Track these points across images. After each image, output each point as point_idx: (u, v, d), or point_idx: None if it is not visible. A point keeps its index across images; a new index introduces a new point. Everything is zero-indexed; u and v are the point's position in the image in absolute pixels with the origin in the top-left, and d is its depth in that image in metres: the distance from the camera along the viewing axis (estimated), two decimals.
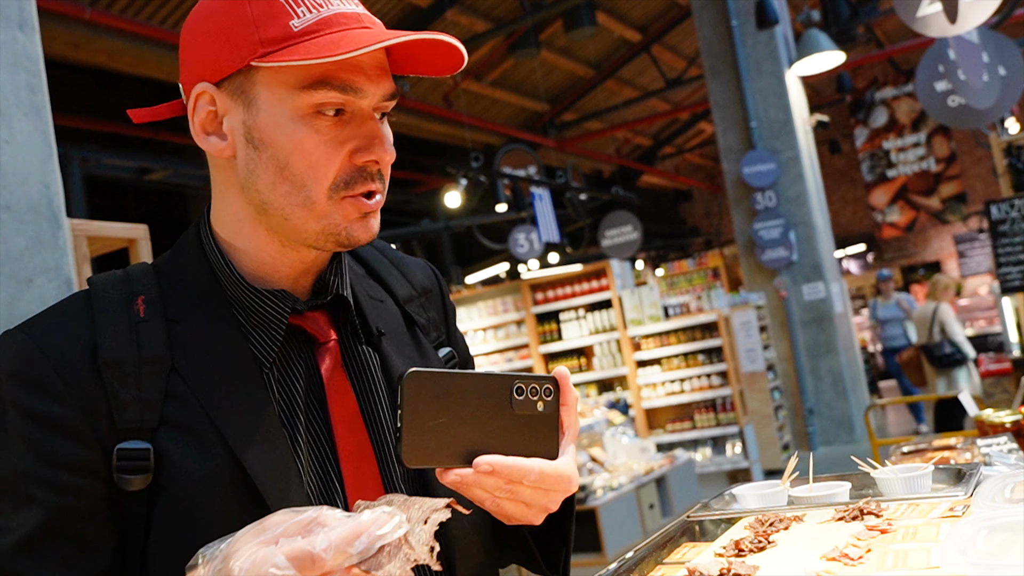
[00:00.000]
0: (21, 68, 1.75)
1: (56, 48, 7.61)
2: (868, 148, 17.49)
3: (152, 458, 0.78)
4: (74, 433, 0.78)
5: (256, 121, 0.83)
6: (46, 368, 0.78)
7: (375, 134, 0.84)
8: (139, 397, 0.79)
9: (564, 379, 0.80)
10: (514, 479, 0.76)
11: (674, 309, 8.90)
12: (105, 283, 0.86)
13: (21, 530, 0.76)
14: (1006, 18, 5.23)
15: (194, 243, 0.90)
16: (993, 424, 1.81)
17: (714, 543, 1.07)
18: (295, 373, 0.87)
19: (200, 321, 0.84)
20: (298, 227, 0.84)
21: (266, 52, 0.80)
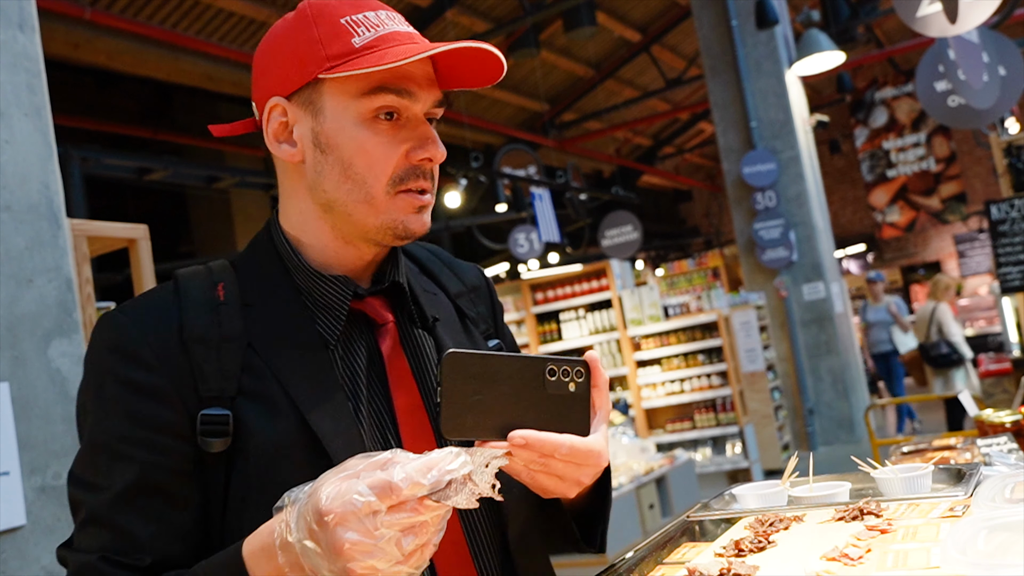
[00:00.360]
0: (21, 68, 1.75)
1: (56, 48, 7.61)
2: (868, 148, 17.49)
3: (231, 423, 0.88)
4: (164, 399, 0.88)
5: (323, 127, 0.94)
6: (140, 343, 0.89)
7: (428, 135, 0.95)
8: (219, 369, 0.89)
9: (594, 362, 0.86)
10: (546, 452, 0.82)
11: (674, 309, 8.90)
12: (189, 273, 0.97)
13: (117, 486, 0.86)
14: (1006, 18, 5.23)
15: (265, 239, 1.01)
16: (993, 424, 1.81)
17: (714, 543, 1.07)
18: (357, 351, 0.97)
19: (272, 305, 0.95)
20: (360, 222, 0.95)
21: (332, 66, 0.91)
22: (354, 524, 0.69)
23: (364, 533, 0.69)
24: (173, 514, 0.87)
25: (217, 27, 8.87)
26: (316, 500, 0.70)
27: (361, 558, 0.69)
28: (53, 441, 1.68)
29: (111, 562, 0.85)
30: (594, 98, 13.89)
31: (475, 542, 0.97)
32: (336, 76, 0.91)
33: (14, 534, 1.60)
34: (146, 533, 0.86)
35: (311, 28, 0.93)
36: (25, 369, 1.65)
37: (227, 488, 0.89)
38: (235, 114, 12.89)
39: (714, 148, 12.00)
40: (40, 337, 1.69)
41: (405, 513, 0.70)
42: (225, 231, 11.68)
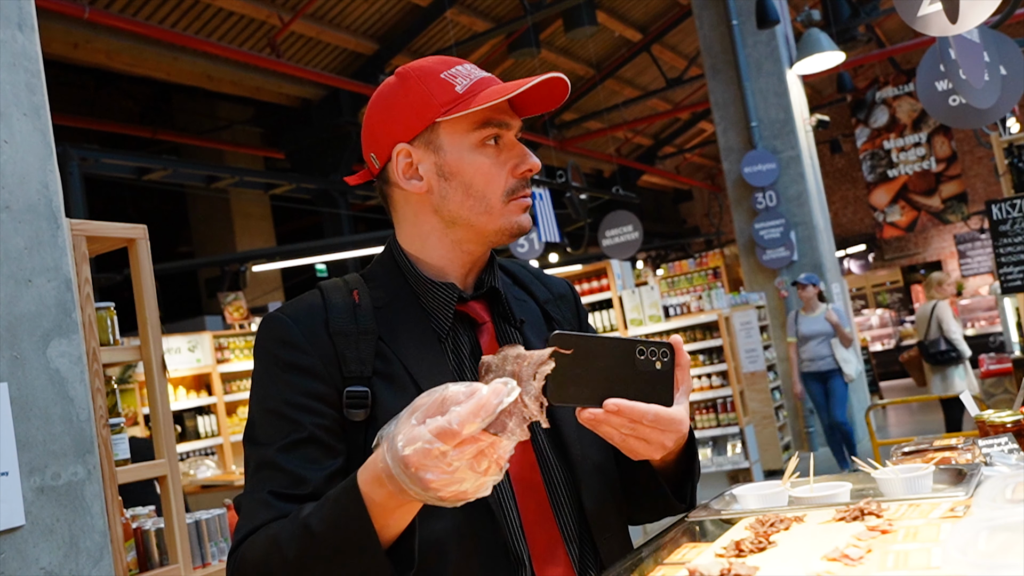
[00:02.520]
0: (20, 68, 1.75)
1: (55, 48, 7.61)
2: (869, 148, 17.49)
3: (369, 398, 1.10)
4: (318, 376, 1.11)
5: (445, 160, 1.17)
6: (298, 335, 1.13)
7: (525, 152, 1.19)
8: (358, 356, 1.12)
9: (678, 345, 1.03)
10: (635, 419, 0.99)
11: (674, 309, 8.90)
12: (331, 284, 1.22)
13: (284, 439, 1.08)
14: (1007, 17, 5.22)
15: (389, 257, 1.25)
16: (994, 424, 1.80)
17: (714, 543, 1.06)
18: (462, 343, 1.19)
19: (396, 307, 1.18)
20: (482, 229, 1.18)
21: (446, 110, 1.14)
22: (431, 465, 0.85)
23: (441, 471, 0.85)
24: (327, 461, 1.08)
25: (216, 26, 8.87)
26: (395, 448, 0.86)
27: (446, 487, 0.86)
28: (52, 441, 1.68)
29: (278, 495, 1.05)
30: (594, 98, 13.89)
31: (557, 504, 1.15)
32: (451, 118, 1.14)
33: (13, 534, 1.59)
34: (308, 471, 1.06)
35: (419, 85, 1.16)
36: (24, 369, 1.65)
37: (366, 447, 1.08)
38: (234, 114, 12.77)
39: (714, 148, 12.00)
40: (39, 337, 1.69)
41: (470, 447, 0.85)
42: (224, 231, 11.69)
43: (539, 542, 1.12)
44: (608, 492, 1.21)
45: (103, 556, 1.73)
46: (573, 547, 1.14)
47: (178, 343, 8.68)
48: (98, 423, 2.04)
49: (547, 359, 0.93)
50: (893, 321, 17.36)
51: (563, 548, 1.13)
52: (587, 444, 1.18)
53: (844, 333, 7.45)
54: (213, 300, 10.51)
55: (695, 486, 1.21)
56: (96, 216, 2.63)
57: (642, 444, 1.02)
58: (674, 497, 1.20)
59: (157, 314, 2.39)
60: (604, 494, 1.20)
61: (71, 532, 1.68)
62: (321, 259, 10.58)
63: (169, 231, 12.50)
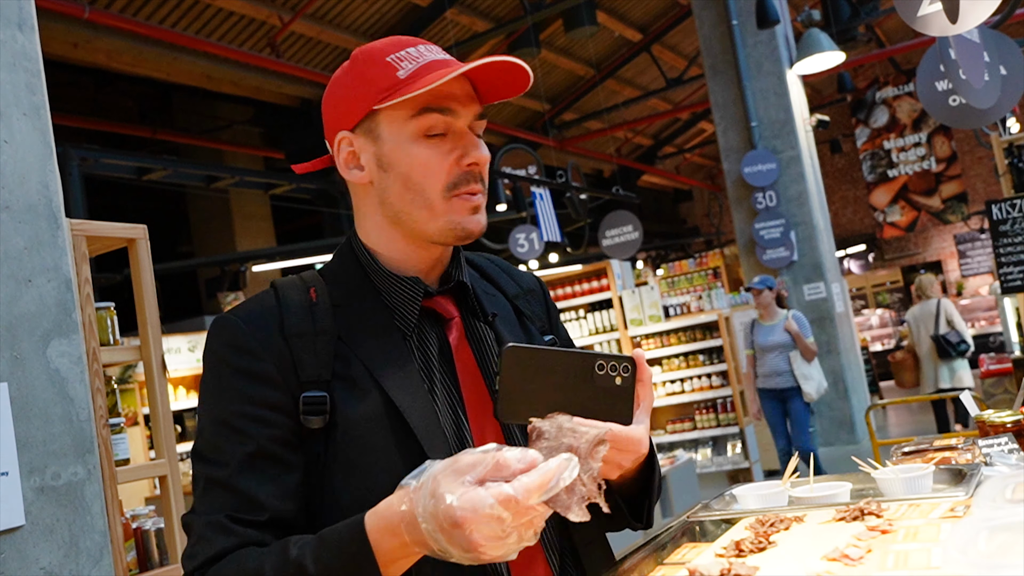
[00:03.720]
0: (20, 68, 1.75)
1: (55, 48, 7.61)
2: (869, 148, 17.49)
3: (328, 403, 1.03)
4: (272, 383, 1.03)
5: (383, 150, 1.09)
6: (249, 338, 1.05)
7: (472, 143, 1.09)
8: (315, 358, 1.05)
9: (640, 359, 0.97)
10: None
11: (674, 309, 8.90)
12: (286, 281, 1.14)
13: (238, 455, 1.01)
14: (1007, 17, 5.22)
15: (348, 250, 1.17)
16: (994, 424, 1.80)
17: (714, 543, 1.06)
18: (430, 341, 1.12)
19: (356, 304, 1.11)
20: (423, 227, 1.09)
21: (382, 97, 1.07)
22: (485, 529, 0.80)
23: (492, 535, 0.81)
24: (284, 477, 1.02)
25: (216, 27, 8.87)
26: (448, 507, 0.80)
27: (491, 551, 0.81)
28: (52, 441, 1.68)
29: (235, 519, 0.98)
30: (594, 98, 13.88)
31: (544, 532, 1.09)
32: (386, 106, 1.07)
33: (13, 534, 1.59)
34: (263, 493, 1.00)
35: (363, 69, 1.10)
36: (24, 369, 1.65)
37: (326, 457, 1.03)
38: (235, 114, 12.80)
39: (714, 148, 12.00)
40: (39, 337, 1.69)
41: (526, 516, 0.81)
42: (224, 230, 11.68)
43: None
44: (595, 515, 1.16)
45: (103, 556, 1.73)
46: (554, 556, 1.09)
47: (178, 343, 8.68)
48: (98, 423, 2.04)
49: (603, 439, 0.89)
50: (893, 321, 17.34)
51: (543, 557, 1.08)
52: None
53: (805, 345, 6.43)
54: (213, 300, 10.50)
55: (653, 505, 1.15)
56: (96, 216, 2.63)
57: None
58: (630, 516, 1.14)
59: (157, 314, 2.39)
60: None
61: (71, 532, 1.68)
62: (321, 259, 10.57)
63: (169, 231, 12.50)
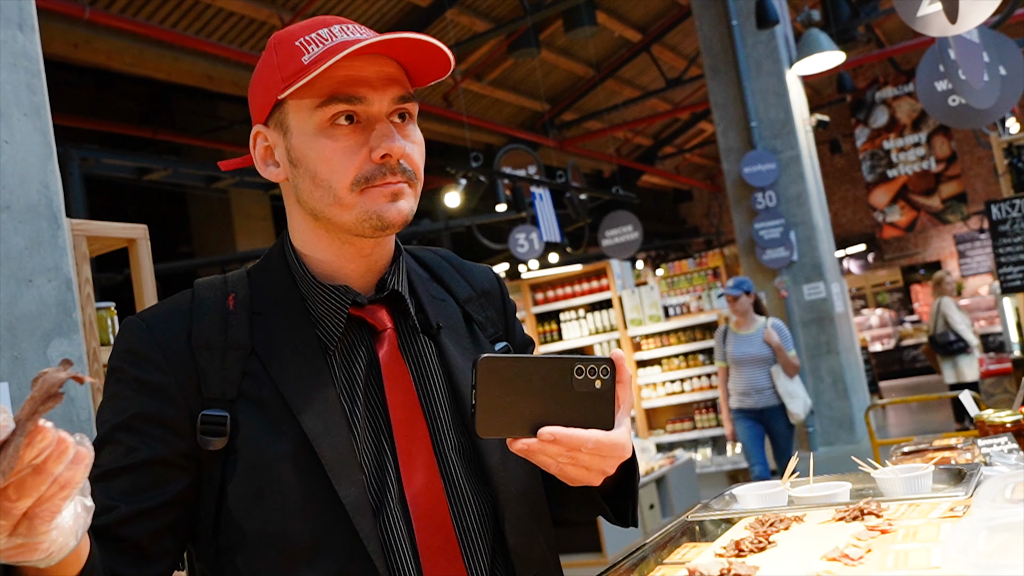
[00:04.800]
0: (21, 68, 1.75)
1: (56, 48, 7.60)
2: (868, 148, 17.49)
3: (229, 424, 0.95)
4: (167, 397, 0.95)
5: (292, 143, 1.00)
6: (152, 345, 0.97)
7: (385, 133, 0.97)
8: (222, 374, 0.96)
9: (619, 360, 0.91)
10: (573, 447, 0.87)
11: (674, 309, 8.90)
12: (206, 283, 1.05)
13: (107, 466, 0.93)
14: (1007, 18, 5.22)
15: (278, 252, 1.08)
16: (994, 424, 1.80)
17: (714, 543, 1.07)
18: (357, 357, 1.02)
19: (278, 314, 1.02)
20: (337, 221, 1.00)
21: (286, 86, 0.97)
22: None
23: None
24: (146, 493, 0.93)
25: (217, 27, 8.87)
26: None
27: None
28: None
29: None
30: (594, 98, 13.88)
31: (466, 541, 1.00)
32: (287, 95, 0.97)
33: None
34: (112, 503, 0.91)
35: (273, 56, 1.01)
36: (25, 369, 1.65)
37: (222, 481, 0.95)
38: (235, 114, 12.81)
39: (714, 148, 12.00)
40: (40, 337, 1.69)
41: None
42: (224, 231, 11.68)
43: None
44: (535, 523, 1.06)
45: None
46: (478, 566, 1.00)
47: None
48: None
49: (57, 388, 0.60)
50: (893, 321, 17.35)
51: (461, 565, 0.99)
52: (511, 466, 1.02)
53: (787, 358, 5.54)
54: None
55: (636, 504, 1.10)
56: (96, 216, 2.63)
57: (581, 471, 0.91)
58: (615, 518, 1.09)
59: None
60: (530, 525, 1.05)
61: None
62: None
63: (169, 231, 12.49)
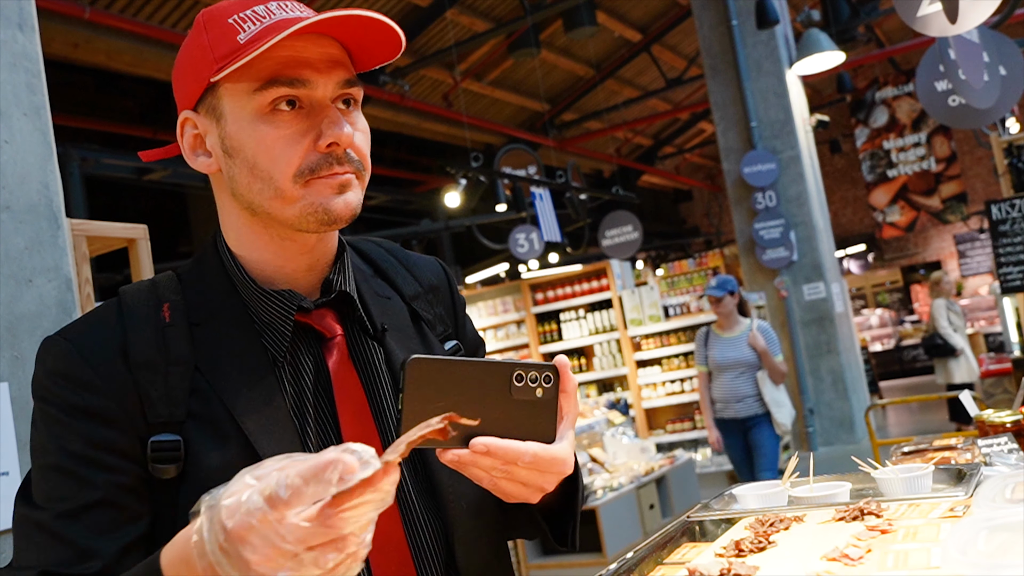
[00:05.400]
0: (20, 68, 1.75)
1: (56, 48, 7.60)
2: (868, 148, 17.49)
3: (182, 449, 0.86)
4: (112, 422, 0.86)
5: (226, 131, 0.91)
6: (84, 367, 0.86)
7: (332, 120, 0.89)
8: (167, 395, 0.87)
9: (564, 367, 0.84)
10: (509, 460, 0.80)
11: (674, 309, 8.90)
12: (134, 292, 0.94)
13: (65, 503, 0.83)
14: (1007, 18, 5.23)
15: (212, 253, 0.98)
16: (993, 424, 1.80)
17: (714, 543, 1.07)
18: (304, 368, 0.94)
19: (219, 324, 0.93)
20: (279, 216, 0.91)
21: (219, 67, 0.88)
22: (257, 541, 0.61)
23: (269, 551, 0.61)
24: (125, 527, 0.85)
25: None
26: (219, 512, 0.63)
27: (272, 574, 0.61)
28: None
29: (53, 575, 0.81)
30: (594, 98, 13.88)
31: (422, 563, 0.94)
32: (220, 77, 0.88)
33: None
34: (95, 544, 0.82)
35: (203, 35, 0.91)
36: (24, 369, 1.65)
37: (176, 511, 0.87)
38: None
39: (714, 148, 12.00)
40: (40, 337, 1.69)
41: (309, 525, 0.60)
42: None
43: None
44: (486, 540, 1.01)
45: None
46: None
47: None
48: None
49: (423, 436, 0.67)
50: (893, 321, 17.36)
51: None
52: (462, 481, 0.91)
53: (774, 364, 5.05)
54: None
55: (576, 526, 1.01)
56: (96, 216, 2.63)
57: (517, 487, 0.83)
58: (553, 538, 1.01)
59: None
60: (481, 544, 0.99)
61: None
62: None
63: (169, 231, 12.49)
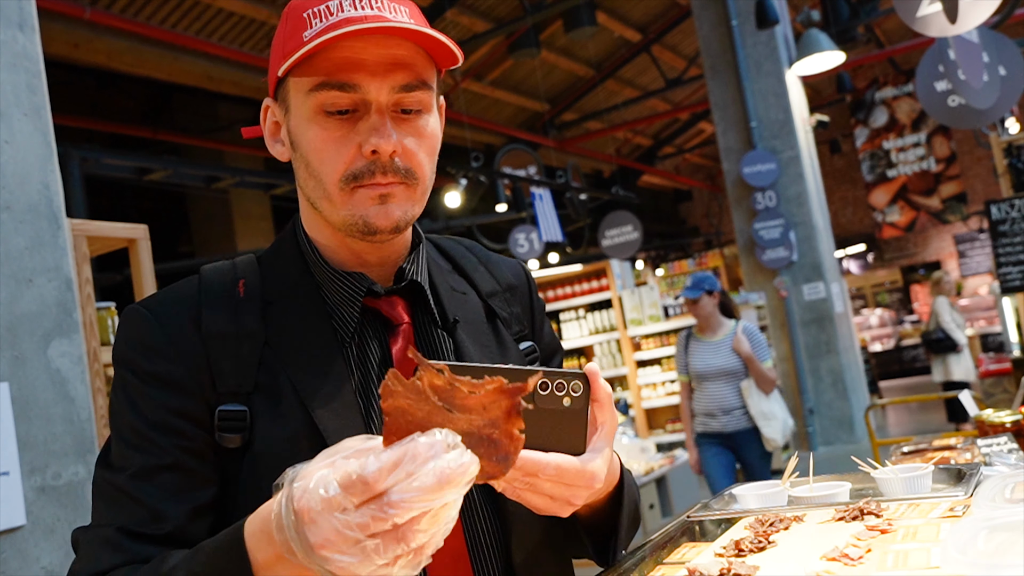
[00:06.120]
0: (21, 68, 1.75)
1: (56, 48, 7.60)
2: (868, 148, 17.49)
3: (248, 419, 0.89)
4: (185, 390, 0.89)
5: (291, 125, 0.94)
6: (161, 337, 0.90)
7: (376, 126, 0.88)
8: (237, 365, 0.90)
9: (594, 376, 0.80)
10: (530, 472, 0.76)
11: (674, 309, 8.89)
12: (214, 268, 0.98)
13: (138, 464, 0.86)
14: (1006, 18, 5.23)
15: (290, 236, 1.01)
16: (993, 424, 1.81)
17: (714, 543, 1.07)
18: (371, 352, 0.95)
19: (291, 302, 0.95)
20: (329, 218, 0.94)
21: (285, 63, 0.88)
22: (325, 523, 0.60)
23: (339, 535, 0.60)
24: (194, 491, 0.87)
25: (217, 27, 8.86)
26: (293, 491, 0.63)
27: (341, 558, 0.60)
28: (53, 441, 1.68)
29: (129, 533, 0.83)
30: (594, 98, 13.88)
31: (478, 557, 0.93)
32: (283, 73, 0.89)
33: (14, 534, 1.60)
34: (165, 506, 0.85)
35: (283, 26, 0.93)
36: (25, 369, 1.65)
37: (238, 481, 0.89)
38: (235, 114, 12.77)
39: (714, 148, 12.00)
40: (40, 337, 1.69)
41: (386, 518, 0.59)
42: (225, 231, 11.68)
43: None
44: (544, 542, 0.99)
45: None
46: None
47: None
48: (99, 423, 2.04)
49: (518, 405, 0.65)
50: (892, 321, 17.36)
51: None
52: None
53: (760, 371, 4.48)
54: None
55: (619, 544, 0.98)
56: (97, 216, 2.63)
57: (543, 500, 0.80)
58: (594, 553, 0.99)
59: None
60: (539, 545, 0.98)
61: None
62: None
63: (169, 231, 12.48)
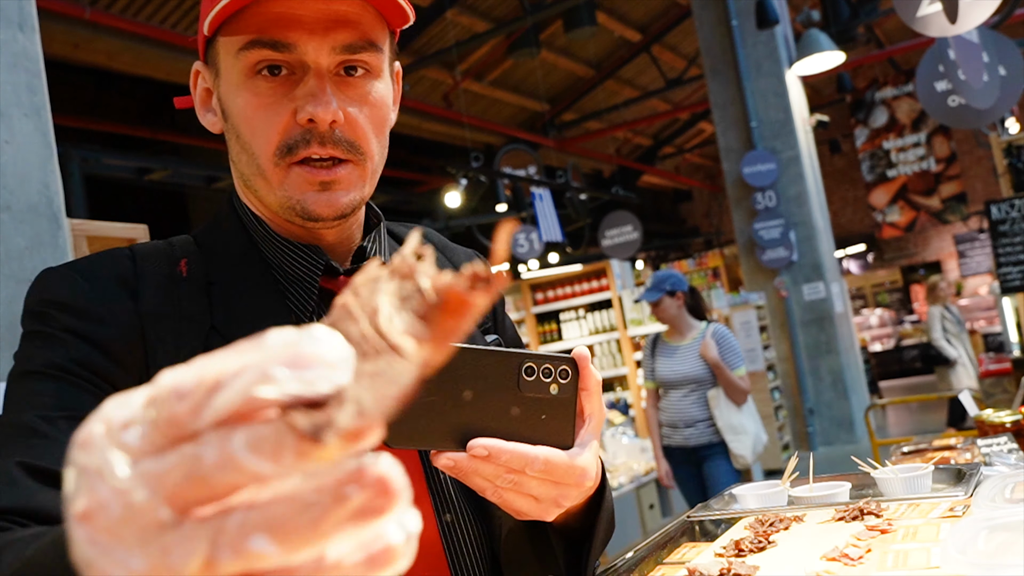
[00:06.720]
0: (21, 68, 1.75)
1: (56, 48, 7.61)
2: (868, 148, 17.49)
3: None
4: (113, 358, 0.74)
5: (220, 91, 0.82)
6: (92, 297, 0.76)
7: (313, 91, 0.77)
8: (176, 351, 0.77)
9: (583, 360, 0.71)
10: (515, 467, 0.66)
11: None
12: (148, 246, 0.85)
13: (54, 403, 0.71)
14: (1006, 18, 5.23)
15: (228, 212, 0.89)
16: (993, 424, 1.81)
17: (714, 543, 1.07)
18: None
19: (238, 282, 0.83)
20: (265, 199, 0.83)
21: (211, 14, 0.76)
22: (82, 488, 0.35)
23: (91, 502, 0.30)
24: None
25: None
26: None
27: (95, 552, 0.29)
28: None
29: (32, 469, 0.67)
30: (594, 98, 13.88)
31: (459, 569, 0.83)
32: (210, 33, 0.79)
33: None
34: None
35: None
36: None
37: None
38: None
39: (714, 148, 12.00)
40: None
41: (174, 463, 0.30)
42: None
43: None
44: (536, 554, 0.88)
45: None
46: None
47: None
48: None
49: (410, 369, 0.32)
50: (892, 321, 17.36)
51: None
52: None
53: (731, 380, 4.06)
54: None
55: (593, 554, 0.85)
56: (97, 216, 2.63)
57: (527, 502, 0.69)
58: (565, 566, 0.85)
59: None
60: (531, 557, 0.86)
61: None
62: None
63: (169, 231, 12.49)
